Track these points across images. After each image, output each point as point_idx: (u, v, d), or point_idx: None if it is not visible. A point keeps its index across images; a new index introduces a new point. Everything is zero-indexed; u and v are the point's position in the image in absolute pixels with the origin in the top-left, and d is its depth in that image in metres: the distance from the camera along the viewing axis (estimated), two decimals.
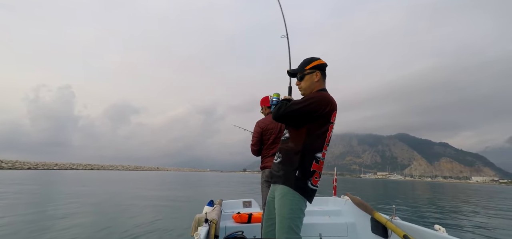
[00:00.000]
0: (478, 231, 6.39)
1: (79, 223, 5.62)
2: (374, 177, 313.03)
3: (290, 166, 1.56)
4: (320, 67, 1.66)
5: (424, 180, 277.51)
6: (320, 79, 1.66)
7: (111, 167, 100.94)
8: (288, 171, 1.55)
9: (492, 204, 14.14)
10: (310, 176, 1.53)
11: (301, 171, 1.52)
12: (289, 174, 1.54)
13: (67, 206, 7.69)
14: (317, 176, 1.55)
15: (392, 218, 2.22)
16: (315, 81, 1.65)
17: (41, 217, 6.08)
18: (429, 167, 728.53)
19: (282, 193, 1.54)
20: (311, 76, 1.65)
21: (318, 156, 1.53)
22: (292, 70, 1.75)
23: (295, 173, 1.52)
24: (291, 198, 1.51)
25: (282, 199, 1.53)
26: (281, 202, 1.53)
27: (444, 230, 1.74)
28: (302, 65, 1.69)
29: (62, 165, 71.99)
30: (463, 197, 18.91)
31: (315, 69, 1.65)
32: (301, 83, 1.69)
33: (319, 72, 1.65)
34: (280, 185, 1.57)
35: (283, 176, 1.57)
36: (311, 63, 1.66)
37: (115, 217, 6.50)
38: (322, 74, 1.67)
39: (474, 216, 9.01)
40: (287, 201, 1.51)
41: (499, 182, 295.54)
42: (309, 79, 1.66)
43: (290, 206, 1.49)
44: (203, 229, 2.01)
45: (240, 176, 67.51)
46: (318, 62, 1.66)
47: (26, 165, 57.53)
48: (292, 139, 1.61)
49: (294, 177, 1.52)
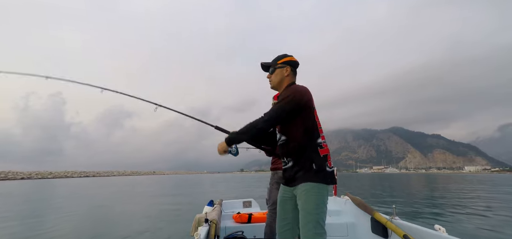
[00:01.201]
0: (477, 220, 6.53)
1: (78, 228, 5.63)
2: (370, 172, 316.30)
3: (304, 163, 1.58)
4: (291, 63, 1.77)
5: (419, 172, 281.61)
6: (290, 74, 1.76)
7: (107, 173, 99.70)
8: (305, 169, 1.57)
9: (492, 192, 14.48)
10: (324, 161, 1.57)
11: (316, 163, 1.56)
12: (308, 170, 1.56)
13: (69, 213, 7.60)
14: (329, 157, 1.62)
15: (392, 218, 2.22)
16: (285, 75, 1.75)
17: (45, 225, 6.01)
18: (423, 159, 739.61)
19: (306, 190, 1.54)
20: (281, 71, 1.76)
21: (319, 141, 1.60)
22: (265, 63, 1.85)
23: (313, 167, 1.55)
24: (316, 192, 1.52)
25: (307, 195, 1.53)
26: (306, 198, 1.53)
27: (444, 230, 1.74)
28: (275, 60, 1.80)
29: (56, 174, 70.90)
30: (467, 188, 19.27)
31: (286, 64, 1.76)
32: (272, 76, 1.80)
33: (289, 67, 1.76)
34: (301, 183, 1.57)
35: (302, 176, 1.58)
36: (283, 58, 1.78)
37: (115, 218, 6.47)
38: (292, 70, 1.77)
39: (474, 205, 9.23)
40: (313, 196, 1.52)
41: (491, 170, 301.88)
42: (279, 73, 1.76)
43: (316, 201, 1.51)
44: (203, 229, 2.01)
45: (238, 176, 67.41)
46: (289, 58, 1.78)
47: (19, 175, 56.39)
48: (291, 140, 1.64)
49: (313, 171, 1.55)
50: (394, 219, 2.20)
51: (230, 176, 66.38)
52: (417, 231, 1.90)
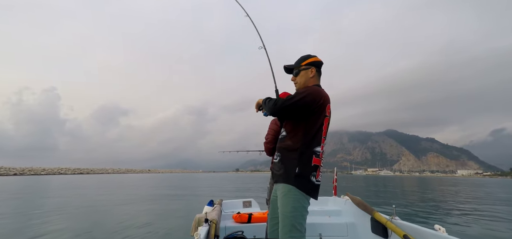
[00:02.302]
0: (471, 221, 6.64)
1: (73, 228, 5.49)
2: (365, 173, 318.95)
3: (290, 163, 1.55)
4: (316, 64, 1.72)
5: (413, 175, 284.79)
6: (315, 75, 1.71)
7: (101, 170, 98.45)
8: (289, 169, 1.55)
9: (481, 195, 14.72)
10: (312, 170, 1.52)
11: (301, 167, 1.51)
12: (290, 172, 1.53)
13: (62, 211, 7.50)
14: (319, 171, 1.56)
15: (392, 218, 2.20)
16: (310, 77, 1.70)
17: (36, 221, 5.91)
18: (417, 162, 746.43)
19: (284, 192, 1.52)
20: (306, 72, 1.71)
21: (317, 150, 1.55)
22: (289, 66, 1.79)
23: (295, 170, 1.51)
24: (293, 196, 1.49)
25: (284, 197, 1.51)
26: (284, 201, 1.51)
27: (444, 230, 1.72)
28: (299, 61, 1.74)
29: (50, 170, 69.77)
30: (462, 191, 19.53)
31: (310, 66, 1.71)
32: (296, 79, 1.74)
33: (314, 68, 1.71)
34: (282, 183, 1.56)
35: (283, 174, 1.56)
36: (307, 59, 1.72)
37: (114, 220, 6.39)
38: (317, 71, 1.72)
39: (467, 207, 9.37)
40: (290, 200, 1.49)
41: (482, 174, 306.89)
42: (304, 75, 1.71)
43: (293, 204, 1.48)
44: (203, 229, 2.00)
45: (233, 176, 67.26)
46: (314, 59, 1.73)
47: (11, 171, 55.35)
48: (289, 137, 1.62)
49: (295, 174, 1.51)
50: (394, 219, 2.18)
51: (226, 176, 66.19)
52: (417, 231, 1.88)
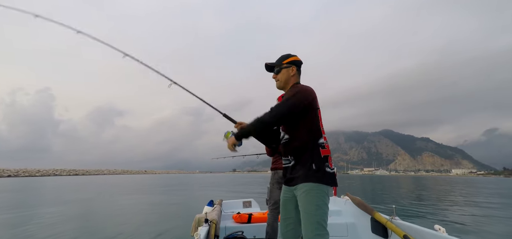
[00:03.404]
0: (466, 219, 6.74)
1: (71, 229, 5.46)
2: (361, 173, 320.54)
3: (305, 163, 1.59)
4: (296, 63, 1.79)
5: (408, 175, 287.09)
6: (296, 73, 1.78)
7: (97, 171, 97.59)
8: (305, 169, 1.58)
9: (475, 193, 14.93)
10: (325, 161, 1.58)
11: (316, 163, 1.56)
12: (307, 171, 1.57)
13: (57, 213, 7.42)
14: (330, 158, 1.62)
15: (392, 218, 2.21)
16: (291, 75, 1.77)
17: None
18: (412, 162, 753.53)
19: (306, 191, 1.55)
20: (287, 70, 1.77)
21: (321, 141, 1.61)
22: (270, 64, 1.85)
23: (312, 167, 1.56)
24: (316, 193, 1.53)
25: (307, 196, 1.54)
26: (306, 199, 1.54)
27: (444, 230, 1.74)
28: (280, 60, 1.81)
29: (44, 172, 68.76)
30: (455, 189, 19.76)
31: (291, 64, 1.77)
32: (278, 76, 1.81)
33: (295, 67, 1.78)
34: (301, 183, 1.58)
35: (302, 176, 1.58)
36: (288, 58, 1.79)
37: (113, 220, 6.37)
38: (297, 70, 1.79)
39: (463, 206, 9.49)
40: (313, 197, 1.52)
41: (476, 173, 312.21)
42: (285, 72, 1.78)
43: (316, 202, 1.51)
44: (203, 229, 2.01)
45: (231, 176, 67.13)
46: (294, 58, 1.79)
47: (5, 173, 54.46)
48: (295, 138, 1.65)
49: (313, 171, 1.55)
50: (394, 219, 2.20)
51: (223, 176, 66.04)
52: (417, 231, 1.90)
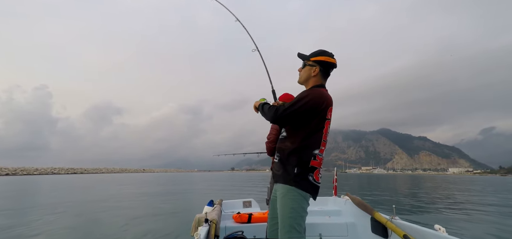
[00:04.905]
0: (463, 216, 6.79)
1: (70, 226, 5.44)
2: (359, 172, 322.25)
3: (289, 163, 1.55)
4: (323, 63, 1.63)
5: (406, 173, 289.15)
6: (318, 74, 1.64)
7: (95, 170, 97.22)
8: (287, 169, 1.55)
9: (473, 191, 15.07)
10: (310, 171, 1.52)
11: (300, 167, 1.52)
12: (289, 172, 1.54)
13: (60, 211, 7.39)
14: (317, 172, 1.54)
15: (392, 218, 2.20)
16: (312, 75, 1.65)
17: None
18: (409, 161, 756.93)
19: (283, 193, 1.53)
20: (310, 69, 1.65)
21: (315, 152, 1.53)
22: (301, 55, 1.73)
23: (294, 170, 1.52)
24: (292, 197, 1.50)
25: (283, 198, 1.52)
26: (283, 202, 1.52)
27: (444, 230, 1.73)
28: (310, 55, 1.67)
29: (43, 170, 68.51)
30: (451, 188, 19.91)
31: (316, 64, 1.64)
32: (301, 71, 1.71)
33: (318, 67, 1.63)
34: (281, 184, 1.57)
35: (282, 175, 1.57)
36: (316, 56, 1.64)
37: (113, 220, 6.34)
38: (321, 71, 1.64)
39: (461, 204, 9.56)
40: (289, 200, 1.50)
41: (473, 172, 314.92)
42: (308, 70, 1.66)
43: (291, 205, 1.48)
44: (203, 229, 2.00)
45: (229, 175, 67.13)
46: (323, 58, 1.63)
47: (3, 171, 54.14)
48: (289, 138, 1.62)
49: (293, 174, 1.51)
50: (394, 219, 2.19)
51: (222, 175, 66.00)
52: (417, 231, 1.89)
